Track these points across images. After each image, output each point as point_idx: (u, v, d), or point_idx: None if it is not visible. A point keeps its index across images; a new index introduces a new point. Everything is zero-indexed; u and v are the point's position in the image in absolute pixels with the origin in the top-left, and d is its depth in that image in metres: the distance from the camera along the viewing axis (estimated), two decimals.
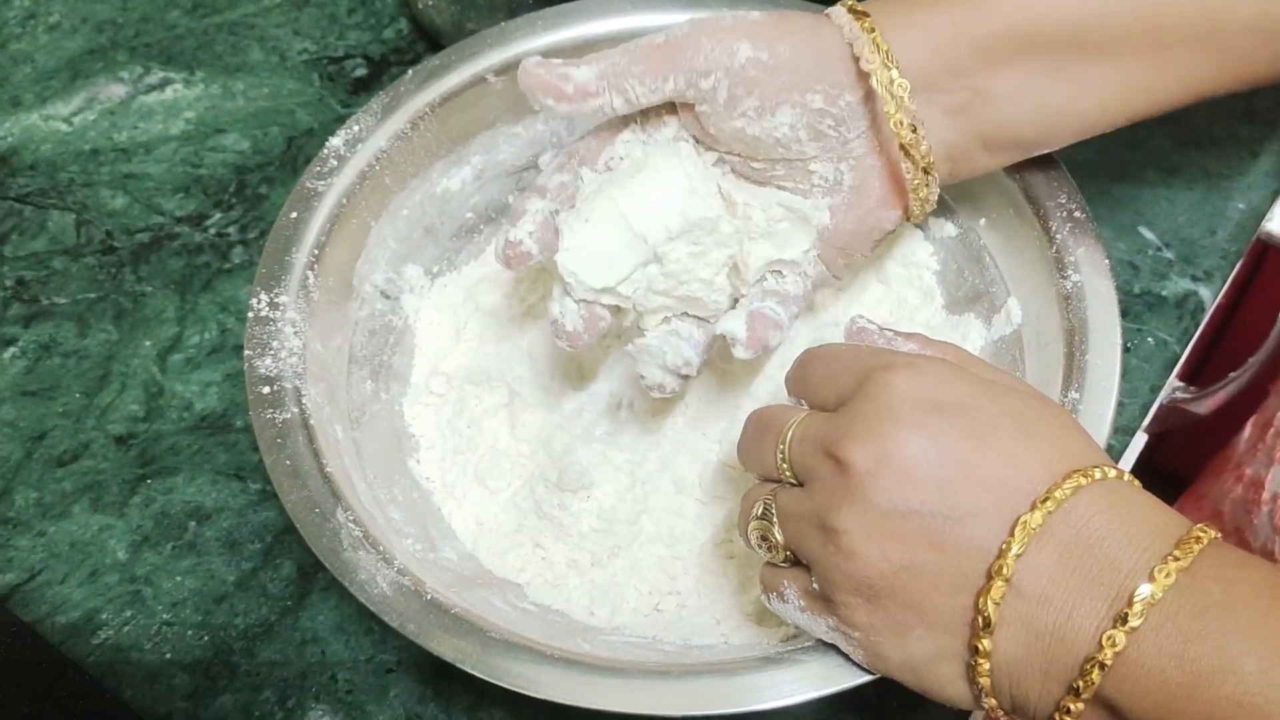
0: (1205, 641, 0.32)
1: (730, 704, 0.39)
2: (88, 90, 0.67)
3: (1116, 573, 0.34)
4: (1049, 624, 0.34)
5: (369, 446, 0.49)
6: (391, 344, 0.54)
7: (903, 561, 0.36)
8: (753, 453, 0.42)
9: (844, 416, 0.38)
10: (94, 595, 0.50)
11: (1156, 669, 0.32)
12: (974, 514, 0.35)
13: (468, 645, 0.40)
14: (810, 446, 0.38)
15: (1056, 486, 0.35)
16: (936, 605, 0.36)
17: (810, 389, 0.41)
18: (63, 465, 0.54)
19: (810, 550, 0.38)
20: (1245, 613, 0.32)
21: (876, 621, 0.37)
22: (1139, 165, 0.62)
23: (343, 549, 0.42)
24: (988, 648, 0.35)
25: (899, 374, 0.37)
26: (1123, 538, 0.34)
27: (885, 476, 0.36)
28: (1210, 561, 0.34)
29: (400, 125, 0.53)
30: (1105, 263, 0.48)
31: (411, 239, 0.55)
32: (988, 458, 0.36)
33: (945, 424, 0.36)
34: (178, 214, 0.62)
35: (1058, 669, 0.34)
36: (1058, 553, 0.34)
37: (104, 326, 0.58)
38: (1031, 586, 0.34)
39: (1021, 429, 0.37)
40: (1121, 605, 0.33)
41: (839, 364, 0.40)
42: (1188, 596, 0.33)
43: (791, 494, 0.39)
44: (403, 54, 0.69)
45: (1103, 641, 0.33)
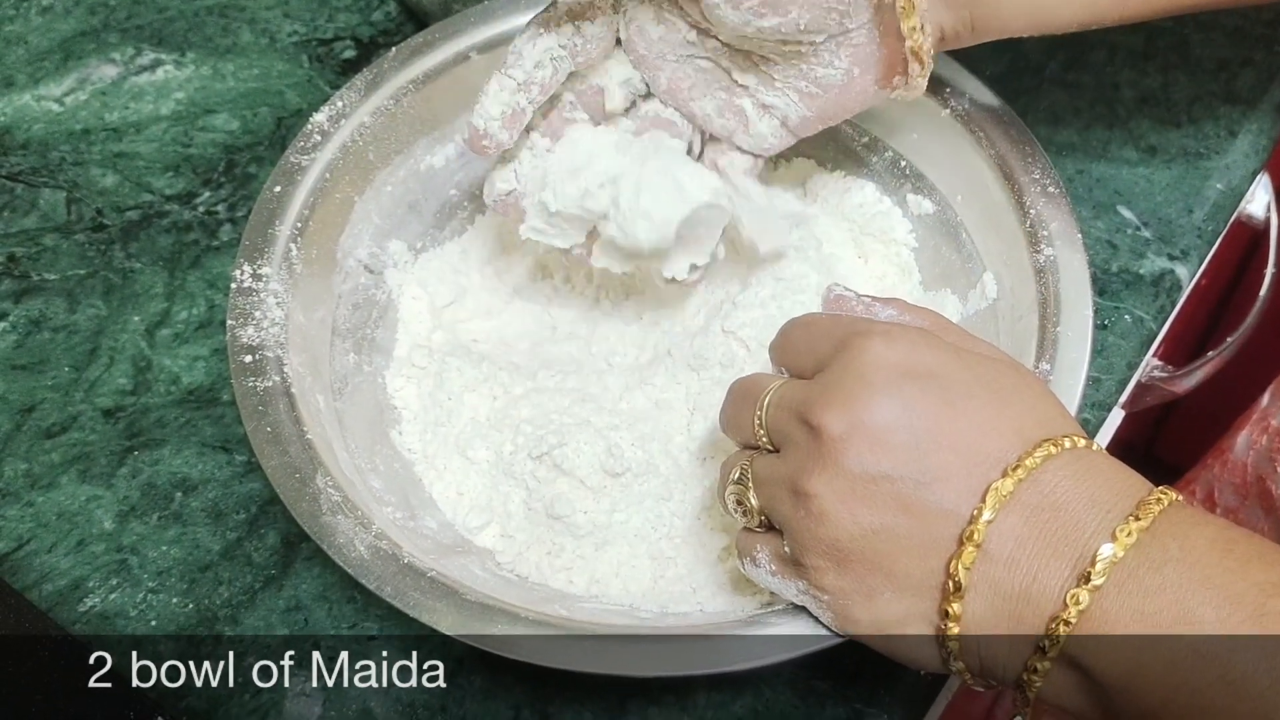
0: (1164, 595, 0.33)
1: (702, 665, 0.40)
2: (80, 71, 0.68)
3: (1080, 534, 0.35)
4: (1016, 586, 0.35)
5: (351, 417, 0.50)
6: (375, 318, 0.54)
7: (873, 525, 0.36)
8: (734, 420, 0.42)
9: (819, 383, 0.38)
10: (81, 564, 0.51)
11: (1119, 624, 0.33)
12: (945, 479, 0.36)
13: (444, 608, 0.41)
14: (785, 412, 0.39)
15: (1028, 454, 0.36)
16: (906, 569, 0.36)
17: (791, 357, 0.42)
18: (51, 437, 0.55)
19: (782, 514, 0.39)
20: (1201, 566, 0.33)
21: (846, 585, 0.37)
22: (1118, 144, 0.62)
23: (322, 513, 0.43)
24: (957, 611, 0.36)
25: (874, 340, 0.38)
26: (1087, 501, 0.35)
27: (857, 441, 0.36)
28: (1169, 520, 0.35)
29: (383, 101, 0.54)
30: (1078, 237, 0.48)
31: (395, 214, 0.55)
32: (960, 424, 0.37)
33: (918, 390, 0.37)
34: (167, 192, 0.63)
35: (1025, 629, 0.35)
36: (1025, 517, 0.35)
37: (93, 302, 0.59)
38: (999, 550, 0.35)
39: (994, 397, 0.37)
40: (1085, 565, 0.34)
41: (818, 331, 0.41)
42: (1147, 554, 0.34)
43: (767, 459, 0.40)
44: (391, 36, 0.69)
45: (1067, 600, 0.34)
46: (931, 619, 0.37)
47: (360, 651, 0.48)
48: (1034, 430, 0.37)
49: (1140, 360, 0.56)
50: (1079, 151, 0.62)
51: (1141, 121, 0.63)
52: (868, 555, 0.37)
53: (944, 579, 0.36)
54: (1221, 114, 0.63)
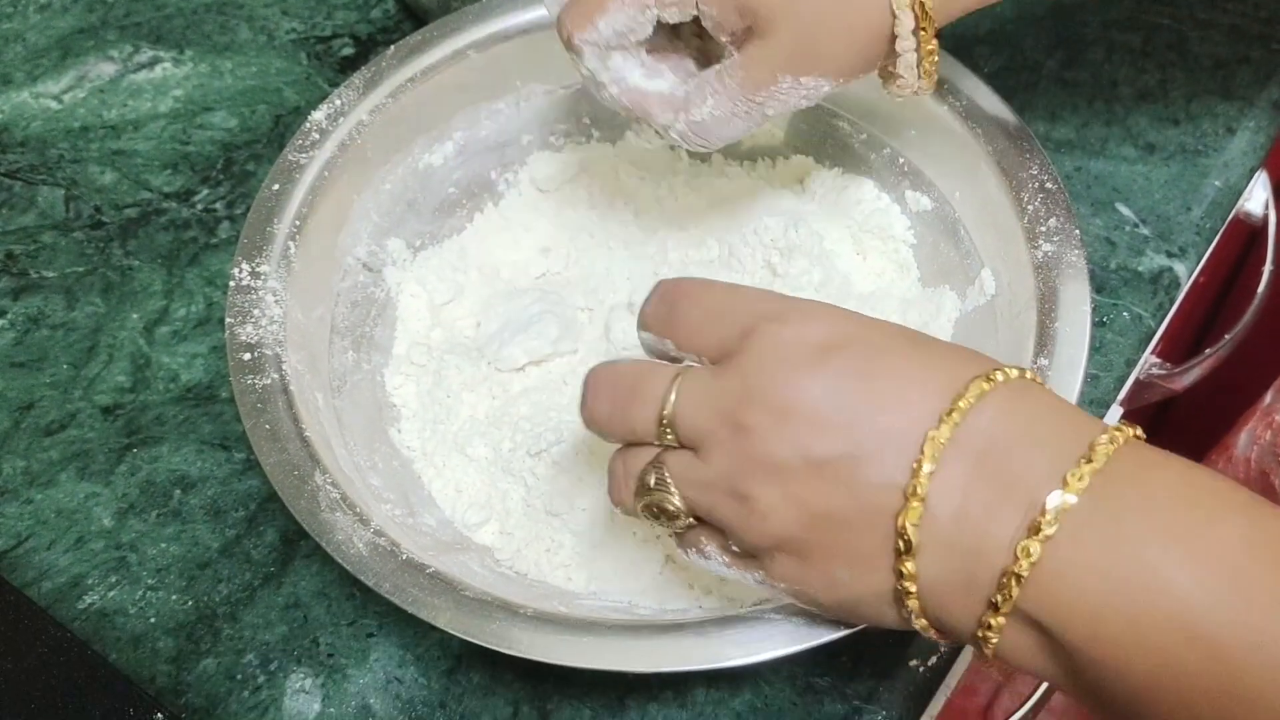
0: (1124, 548, 0.31)
1: (701, 660, 0.40)
2: (78, 68, 0.68)
3: (1028, 480, 0.33)
4: (966, 540, 0.33)
5: (350, 415, 0.50)
6: (373, 316, 0.54)
7: (820, 510, 0.35)
8: (618, 420, 0.39)
9: (735, 375, 0.36)
10: (80, 561, 0.51)
11: (1075, 578, 0.32)
12: (882, 443, 0.34)
13: (443, 604, 0.41)
14: (703, 411, 0.37)
15: (960, 396, 0.34)
16: (858, 545, 0.35)
17: (683, 333, 0.39)
18: (50, 435, 0.55)
19: (724, 517, 0.37)
20: (1162, 512, 0.32)
21: (804, 572, 0.36)
22: (1116, 142, 0.62)
23: (320, 510, 0.43)
24: (912, 570, 0.34)
25: (788, 324, 0.36)
26: (1033, 443, 0.33)
27: (789, 432, 0.35)
28: (1124, 463, 0.33)
29: (381, 99, 0.54)
30: (1076, 233, 0.48)
31: (394, 213, 0.56)
32: (887, 383, 0.35)
33: (840, 363, 0.35)
34: (165, 190, 0.63)
35: (978, 585, 0.33)
36: (969, 465, 0.33)
37: (92, 299, 0.59)
38: (946, 504, 0.33)
39: (916, 349, 0.36)
40: (1035, 514, 0.32)
41: (715, 308, 0.38)
42: (1102, 502, 0.32)
43: (684, 460, 0.38)
44: (390, 33, 0.70)
45: (1018, 553, 0.32)
46: (888, 584, 0.35)
47: (359, 648, 0.48)
48: (962, 369, 0.35)
49: (1139, 357, 0.56)
50: (1077, 149, 0.62)
51: (1140, 119, 0.63)
52: (821, 542, 0.35)
53: (895, 540, 0.34)
54: (1220, 111, 0.63)
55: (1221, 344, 0.67)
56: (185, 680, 0.48)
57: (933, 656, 0.47)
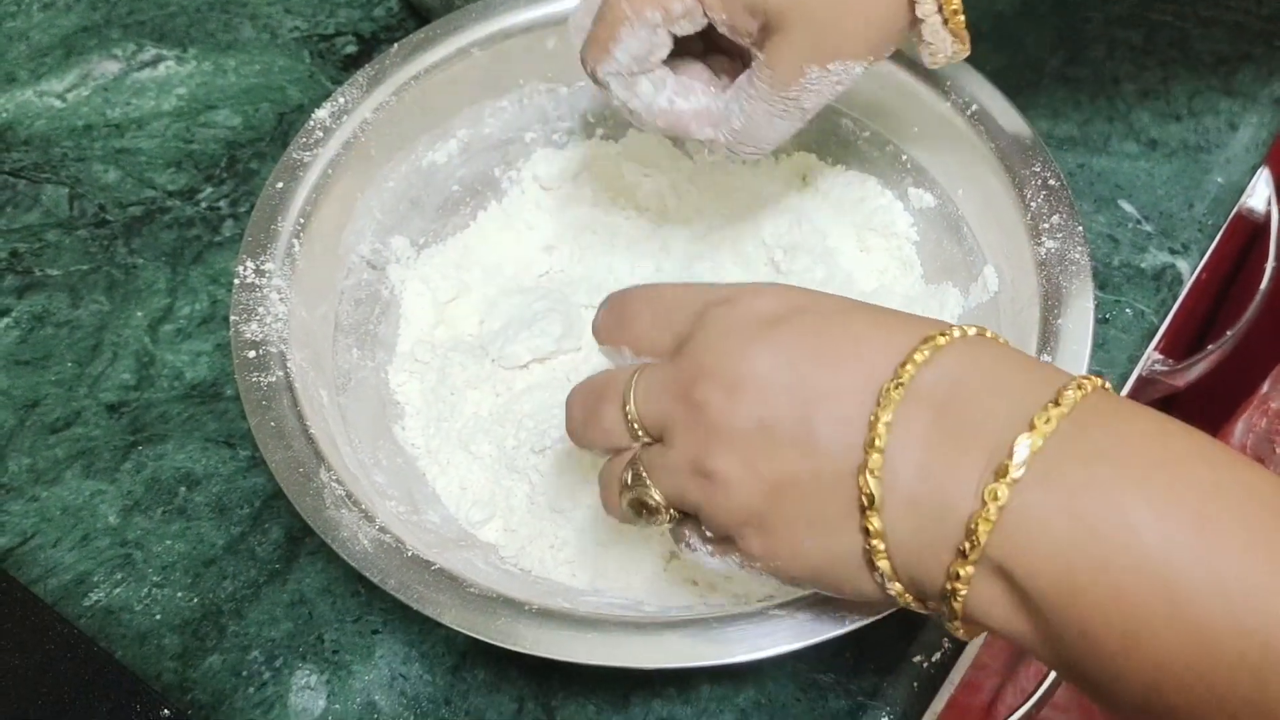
0: (1093, 493, 0.30)
1: (706, 656, 0.40)
2: (82, 67, 0.68)
3: (992, 427, 0.32)
4: (931, 493, 0.32)
5: (354, 412, 0.50)
6: (378, 314, 0.54)
7: (779, 477, 0.34)
8: (592, 425, 0.39)
9: (686, 358, 0.36)
10: (85, 558, 0.51)
11: (1043, 524, 0.30)
12: (836, 401, 0.34)
13: (448, 601, 0.41)
14: (659, 397, 0.37)
15: (915, 349, 0.33)
16: (822, 509, 0.34)
17: (635, 334, 0.39)
18: (55, 432, 0.55)
19: (692, 499, 0.37)
20: (1133, 459, 0.31)
21: (772, 545, 0.36)
22: (1119, 138, 0.62)
23: (326, 507, 0.43)
24: (878, 527, 0.33)
25: (736, 304, 0.36)
26: (996, 391, 0.33)
27: (742, 400, 0.34)
28: (1095, 409, 0.32)
29: (385, 97, 0.54)
30: (1079, 229, 0.48)
31: (397, 210, 0.56)
32: (838, 345, 0.35)
33: (790, 330, 0.35)
34: (169, 188, 0.63)
35: (946, 536, 0.32)
36: (930, 417, 0.33)
37: (96, 297, 0.59)
38: (908, 457, 0.33)
39: (867, 313, 0.36)
40: (1002, 457, 0.31)
41: (666, 304, 0.39)
42: (1072, 445, 0.31)
43: (654, 451, 0.38)
44: (393, 31, 0.70)
45: (985, 497, 0.31)
46: (857, 545, 0.34)
47: (364, 645, 0.49)
48: (917, 327, 0.34)
49: (1141, 354, 0.56)
50: (1080, 145, 0.62)
51: (1142, 115, 0.63)
52: (783, 510, 0.35)
53: (857, 497, 0.33)
54: (1222, 108, 0.63)
55: (1224, 340, 0.67)
56: (191, 677, 0.48)
57: (936, 653, 0.48)
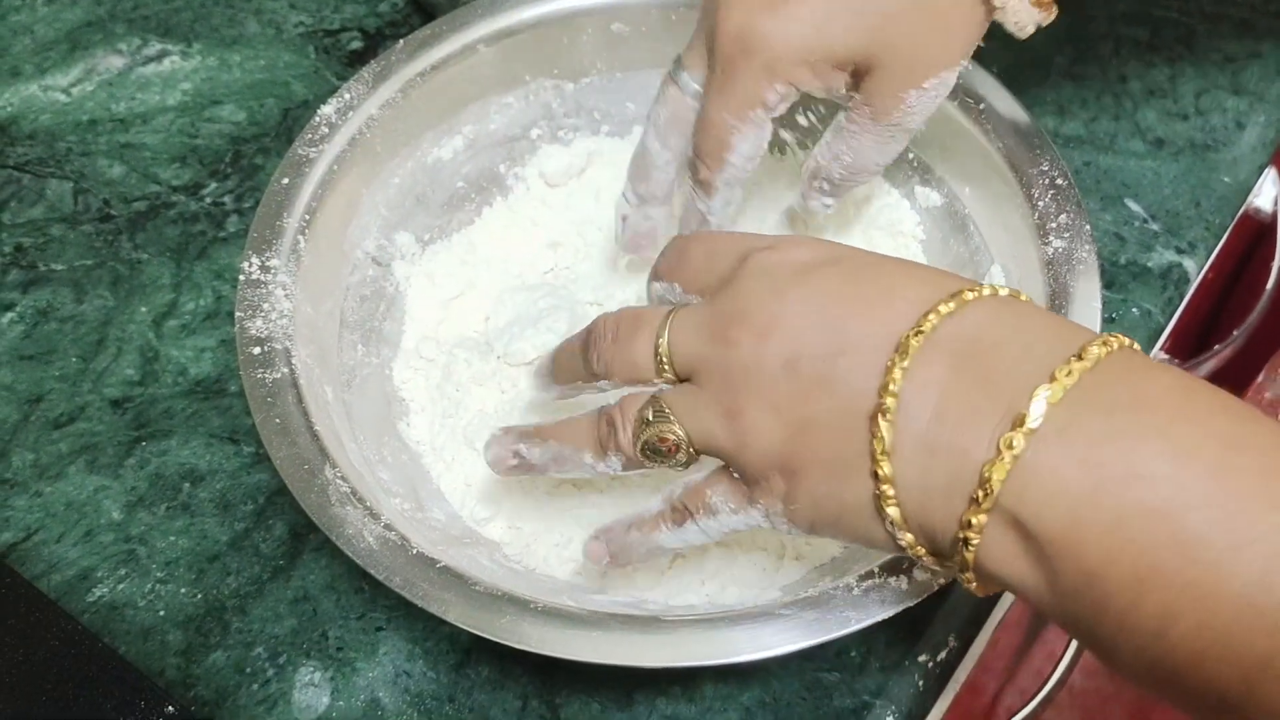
0: (1111, 444, 0.30)
1: (712, 655, 0.40)
2: (86, 61, 0.68)
3: (1014, 377, 0.32)
4: (946, 439, 0.32)
5: (359, 409, 0.50)
6: (383, 310, 0.54)
7: (801, 417, 0.35)
8: (618, 355, 0.40)
9: (724, 299, 0.38)
10: (89, 554, 0.51)
11: (1058, 473, 0.30)
12: (858, 346, 0.34)
13: (452, 598, 0.41)
14: (693, 336, 0.38)
15: (941, 301, 0.34)
16: (839, 452, 0.35)
17: (689, 273, 0.41)
18: (59, 428, 0.55)
19: (721, 442, 0.37)
20: (1154, 412, 0.30)
21: (793, 490, 0.36)
22: (1126, 137, 0.62)
23: (330, 504, 0.43)
24: (888, 472, 0.33)
25: (776, 250, 0.38)
26: (1020, 345, 0.33)
27: (773, 341, 0.36)
28: (1118, 365, 0.32)
29: (391, 93, 0.54)
30: (1087, 228, 0.48)
31: (403, 207, 0.56)
32: (868, 292, 0.35)
33: (823, 277, 0.36)
34: (174, 183, 0.63)
35: (959, 484, 0.32)
36: (949, 365, 0.33)
37: (100, 293, 0.59)
38: (923, 402, 0.33)
39: (900, 265, 0.37)
40: (1020, 407, 0.31)
41: (717, 246, 0.40)
42: (1092, 397, 0.31)
43: (684, 391, 0.38)
44: (398, 27, 0.69)
45: (1000, 446, 0.31)
46: (867, 492, 0.34)
47: (368, 642, 0.48)
48: (948, 281, 0.35)
49: (1148, 353, 0.56)
50: (1086, 144, 0.62)
51: (1149, 114, 0.63)
52: (804, 453, 0.35)
53: (869, 440, 0.34)
54: (1229, 107, 0.63)
55: (1230, 340, 0.67)
56: (194, 673, 0.48)
57: (942, 652, 0.48)
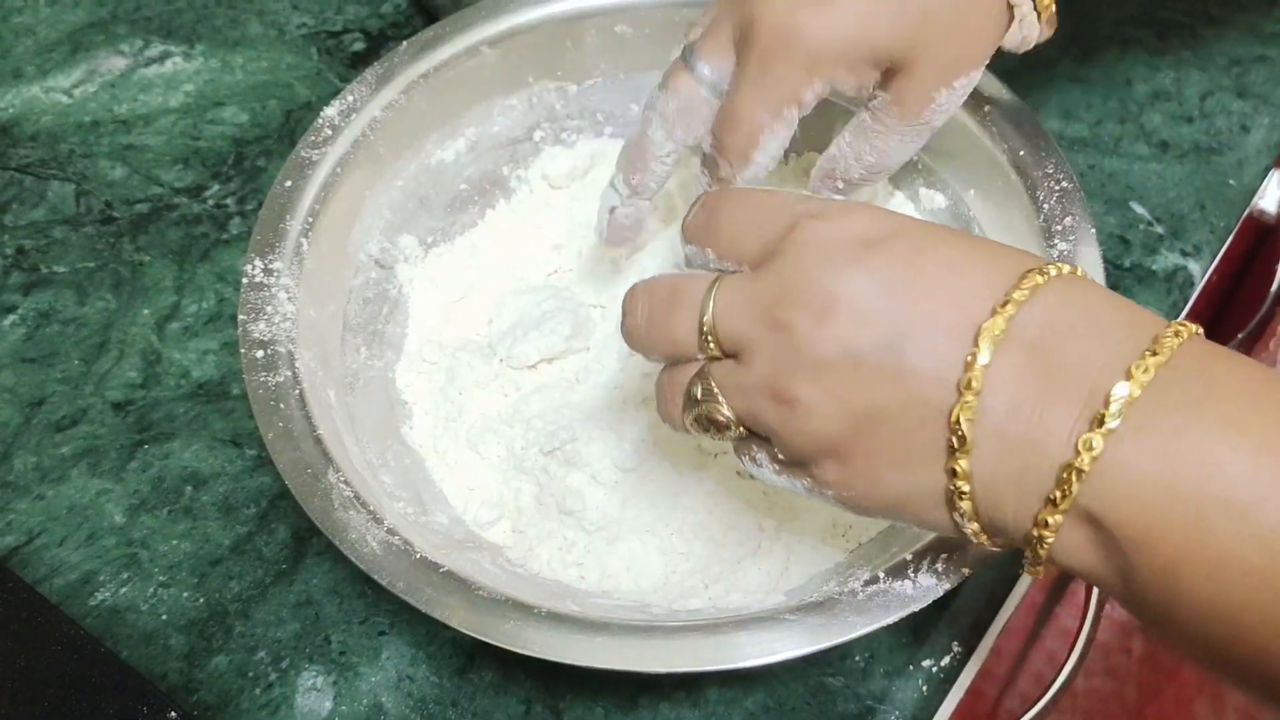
0: (1188, 438, 0.30)
1: (715, 661, 0.40)
2: (88, 63, 0.68)
3: (1089, 370, 0.31)
4: (1021, 433, 0.32)
5: (362, 412, 0.50)
6: (386, 313, 0.54)
7: (865, 408, 0.34)
8: (658, 332, 0.38)
9: (774, 274, 0.35)
10: (91, 558, 0.51)
11: (1137, 471, 0.30)
12: (930, 335, 0.33)
13: (456, 603, 0.41)
14: (742, 313, 0.36)
15: (1014, 288, 0.33)
16: (906, 444, 0.34)
17: (725, 239, 0.38)
18: (61, 431, 0.55)
19: (768, 422, 0.36)
20: (1231, 406, 0.30)
21: (849, 476, 0.35)
22: (1131, 139, 0.62)
23: (334, 509, 0.43)
24: (965, 468, 0.33)
25: (828, 220, 0.35)
26: (1093, 334, 0.32)
27: (831, 326, 0.34)
28: (1190, 356, 0.31)
29: (394, 95, 0.53)
30: (1092, 231, 0.48)
31: (406, 209, 0.55)
32: (932, 271, 0.34)
33: (883, 255, 0.34)
34: (176, 185, 0.63)
35: (1033, 480, 0.32)
36: (1024, 356, 0.32)
37: (103, 295, 0.59)
38: (1001, 396, 0.32)
39: (963, 241, 0.35)
40: (1097, 405, 0.31)
41: (759, 212, 0.37)
42: (1168, 393, 0.30)
43: (728, 368, 0.36)
44: (400, 28, 0.69)
45: (1079, 446, 0.31)
46: (939, 483, 0.34)
47: (371, 646, 0.48)
48: (1013, 261, 0.34)
49: None
50: (1091, 146, 0.62)
51: (1154, 117, 0.63)
52: (866, 442, 0.34)
53: (948, 438, 0.33)
54: (1234, 110, 0.63)
55: (1234, 342, 0.67)
56: (197, 678, 0.48)
57: (946, 657, 0.47)
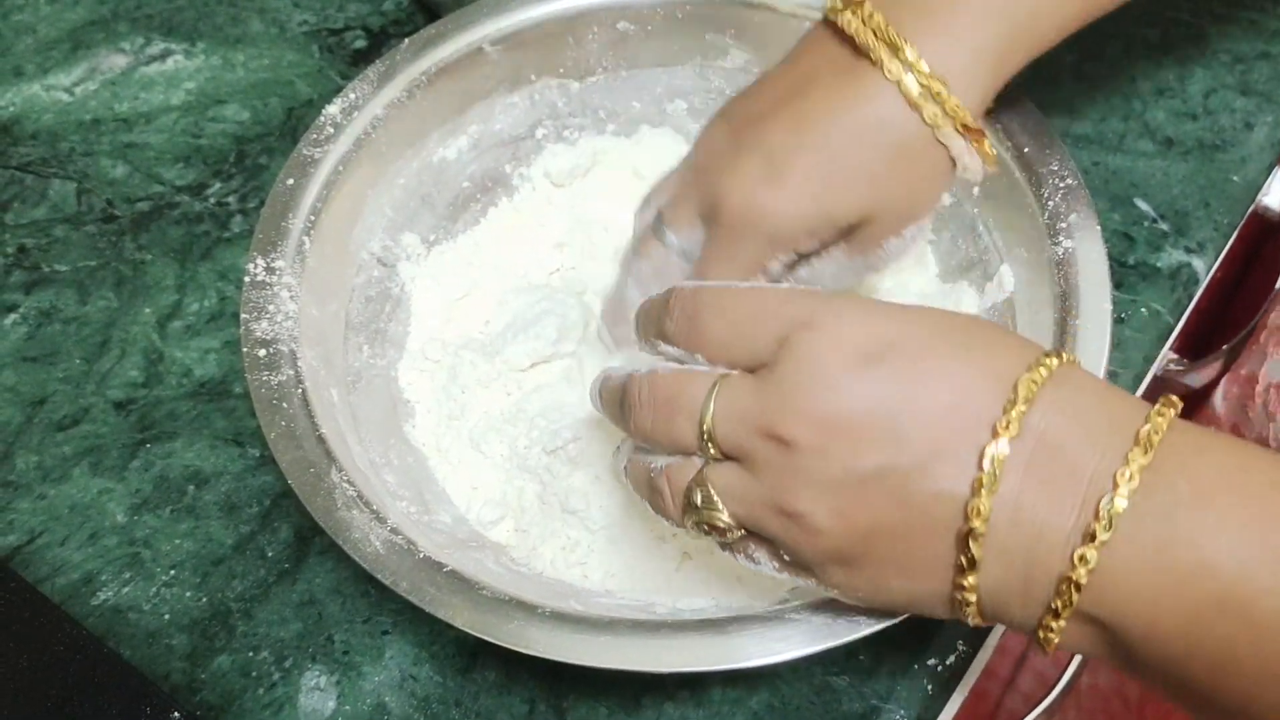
0: (1178, 545, 0.31)
1: (721, 660, 0.40)
2: (89, 61, 0.68)
3: (1079, 480, 0.33)
4: (1021, 547, 0.33)
5: (364, 411, 0.49)
6: (388, 311, 0.54)
7: (871, 525, 0.34)
8: (659, 431, 0.38)
9: (773, 388, 0.35)
10: (93, 557, 0.51)
11: (1133, 579, 0.32)
12: (935, 456, 0.34)
13: (460, 603, 0.41)
14: (741, 426, 0.36)
15: (1012, 404, 0.33)
16: (912, 557, 0.35)
17: (713, 346, 0.38)
18: (63, 430, 0.54)
19: (772, 531, 0.37)
20: (1214, 506, 0.32)
21: (854, 581, 0.36)
22: (1135, 137, 0.62)
23: (337, 508, 0.42)
24: (972, 583, 0.34)
25: (821, 331, 0.35)
26: (1082, 438, 0.33)
27: (836, 447, 0.34)
28: (1173, 452, 0.32)
29: (396, 94, 0.53)
30: (1096, 229, 0.48)
31: (408, 207, 0.55)
32: (935, 390, 0.34)
33: (885, 371, 0.34)
34: (178, 183, 0.63)
35: (1035, 591, 0.34)
36: (1023, 471, 0.33)
37: (104, 294, 0.59)
38: (1003, 512, 0.33)
39: (957, 347, 0.35)
40: (1089, 518, 0.32)
41: (741, 318, 0.37)
42: (1155, 498, 0.32)
43: (728, 473, 0.37)
44: (402, 26, 0.69)
45: (1075, 560, 0.32)
46: (945, 592, 0.35)
47: (374, 645, 0.48)
48: (1007, 367, 0.34)
49: (1157, 354, 0.56)
50: (1095, 143, 0.62)
51: (1158, 114, 0.63)
52: (872, 553, 0.35)
53: (955, 557, 0.34)
54: (1238, 107, 0.63)
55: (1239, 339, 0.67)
56: (200, 677, 0.47)
57: (950, 656, 0.47)
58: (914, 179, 0.46)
